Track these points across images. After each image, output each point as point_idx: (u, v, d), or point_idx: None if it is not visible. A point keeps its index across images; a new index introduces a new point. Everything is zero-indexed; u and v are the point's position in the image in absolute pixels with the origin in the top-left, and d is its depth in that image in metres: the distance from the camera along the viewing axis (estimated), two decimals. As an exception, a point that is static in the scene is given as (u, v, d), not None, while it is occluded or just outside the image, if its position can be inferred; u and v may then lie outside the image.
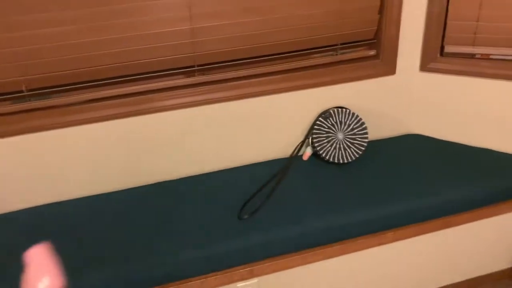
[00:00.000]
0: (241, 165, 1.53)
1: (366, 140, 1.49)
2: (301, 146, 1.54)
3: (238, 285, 1.23)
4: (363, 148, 1.49)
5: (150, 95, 1.36)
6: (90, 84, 1.33)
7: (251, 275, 1.20)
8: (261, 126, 1.49)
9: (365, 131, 1.49)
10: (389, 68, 1.53)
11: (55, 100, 1.30)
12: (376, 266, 1.38)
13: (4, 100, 1.28)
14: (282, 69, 1.45)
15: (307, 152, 1.54)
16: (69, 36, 1.22)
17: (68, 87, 1.31)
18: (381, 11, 1.45)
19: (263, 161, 1.55)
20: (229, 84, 1.41)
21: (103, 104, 1.33)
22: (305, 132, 1.55)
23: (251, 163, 1.54)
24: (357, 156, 1.48)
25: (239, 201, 1.31)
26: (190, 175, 1.49)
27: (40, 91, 1.29)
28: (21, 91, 1.26)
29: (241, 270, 1.18)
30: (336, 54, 1.50)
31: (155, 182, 1.47)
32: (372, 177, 1.40)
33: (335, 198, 1.31)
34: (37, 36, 1.20)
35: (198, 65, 1.38)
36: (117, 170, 1.41)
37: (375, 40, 1.52)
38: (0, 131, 1.27)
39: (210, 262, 1.16)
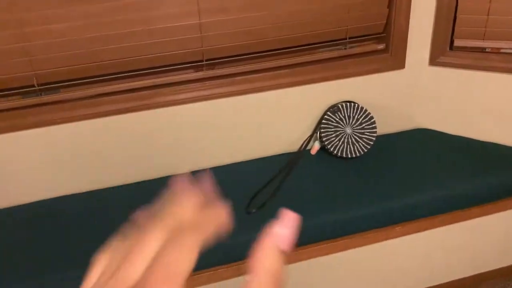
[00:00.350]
0: (249, 159, 1.54)
1: (375, 134, 1.49)
2: (309, 140, 1.54)
3: (246, 278, 1.24)
4: (371, 143, 1.48)
5: (159, 90, 1.37)
6: (100, 78, 1.34)
7: (259, 268, 1.21)
8: (270, 120, 1.50)
9: (373, 125, 1.49)
10: (398, 62, 1.52)
11: (65, 94, 1.31)
12: (384, 260, 1.38)
13: (16, 94, 1.30)
14: (290, 63, 1.45)
15: (315, 146, 1.54)
16: (79, 31, 1.24)
17: (78, 81, 1.32)
18: (390, 4, 1.45)
19: (271, 155, 1.55)
20: (237, 78, 1.42)
21: (112, 99, 1.35)
22: (313, 127, 1.55)
23: (259, 157, 1.55)
24: (365, 150, 1.48)
25: (247, 195, 1.32)
26: (198, 169, 1.51)
27: (51, 86, 1.31)
28: (33, 86, 1.28)
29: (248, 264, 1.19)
30: (345, 48, 1.49)
31: (163, 176, 1.48)
32: (380, 172, 1.40)
33: (343, 192, 1.31)
34: (47, 31, 1.22)
35: (207, 60, 1.39)
36: (124, 164, 1.43)
37: (384, 34, 1.51)
38: (13, 125, 1.30)
39: (218, 255, 1.17)
